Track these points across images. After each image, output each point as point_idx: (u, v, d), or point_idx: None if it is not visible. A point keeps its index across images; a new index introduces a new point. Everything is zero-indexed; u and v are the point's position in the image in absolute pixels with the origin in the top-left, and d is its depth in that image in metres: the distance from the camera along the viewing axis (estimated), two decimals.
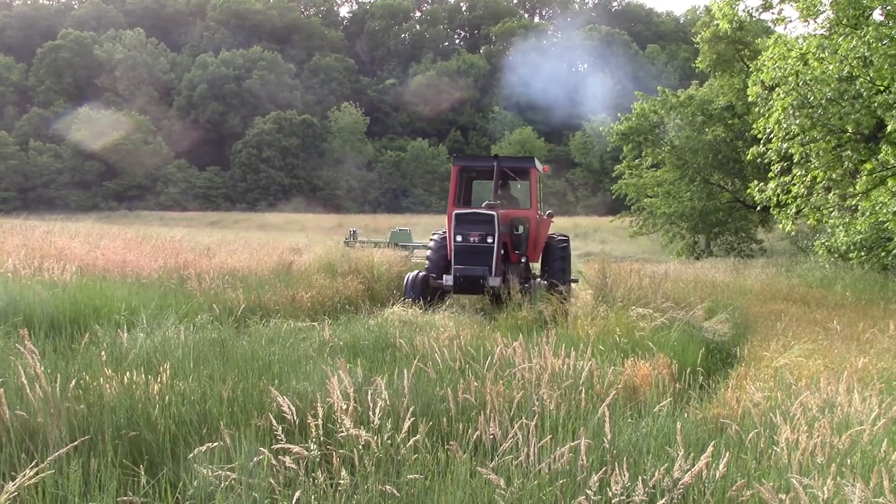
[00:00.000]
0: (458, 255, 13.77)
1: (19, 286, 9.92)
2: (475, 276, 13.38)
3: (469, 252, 13.69)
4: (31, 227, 21.82)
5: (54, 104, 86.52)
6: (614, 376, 6.30)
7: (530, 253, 15.31)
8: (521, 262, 15.00)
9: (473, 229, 13.77)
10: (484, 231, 13.72)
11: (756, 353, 8.72)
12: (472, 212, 14.13)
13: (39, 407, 4.67)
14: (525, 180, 15.98)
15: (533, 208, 15.43)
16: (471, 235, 13.73)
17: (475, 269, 13.49)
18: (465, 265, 13.60)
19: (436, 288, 14.07)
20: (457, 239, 13.80)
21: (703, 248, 35.62)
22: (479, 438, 4.67)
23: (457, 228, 13.87)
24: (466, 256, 13.69)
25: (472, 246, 13.70)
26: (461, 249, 13.77)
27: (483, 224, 13.76)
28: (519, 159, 17.52)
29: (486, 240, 13.67)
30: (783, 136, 17.28)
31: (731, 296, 15.51)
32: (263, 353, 6.99)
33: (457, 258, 13.78)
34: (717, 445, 4.48)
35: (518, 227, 15.01)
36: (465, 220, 13.88)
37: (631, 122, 33.94)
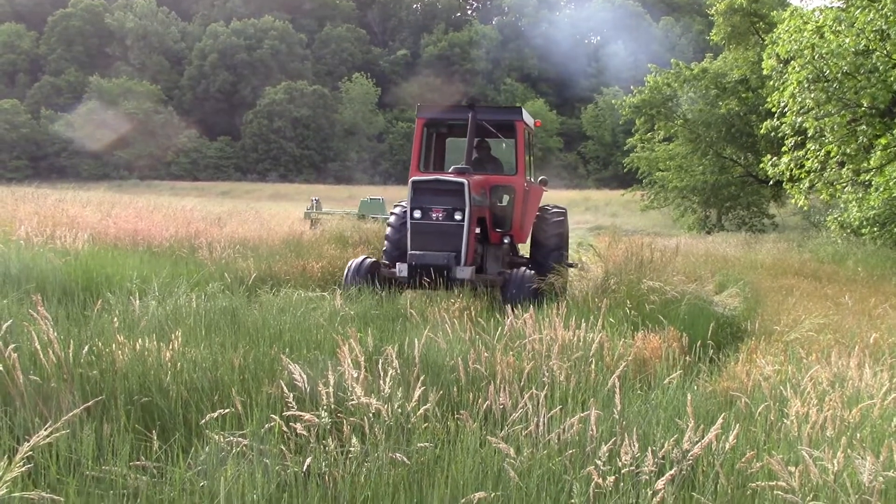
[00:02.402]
0: (415, 236, 10.73)
1: (32, 254, 9.97)
2: (436, 264, 10.35)
3: (430, 233, 10.68)
4: (43, 195, 21.90)
5: (65, 73, 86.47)
6: (624, 349, 6.30)
7: (516, 232, 12.21)
8: (503, 243, 12.05)
9: (436, 202, 10.67)
10: (450, 205, 10.61)
11: (767, 327, 8.70)
12: (434, 179, 10.92)
13: (53, 372, 4.70)
14: (510, 137, 12.62)
15: (519, 173, 12.19)
16: (433, 210, 10.64)
17: (436, 255, 10.44)
18: (424, 250, 10.60)
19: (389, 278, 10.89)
20: (414, 215, 10.71)
21: (714, 222, 35.49)
22: (489, 408, 4.68)
23: (414, 201, 10.72)
24: (426, 238, 10.66)
25: (434, 224, 10.66)
26: (420, 229, 10.72)
27: (449, 195, 10.64)
28: (502, 110, 14.63)
29: (452, 216, 10.59)
30: (797, 110, 17.14)
31: (742, 270, 15.47)
32: (274, 321, 7.01)
33: (414, 240, 10.73)
34: (727, 418, 4.49)
35: (500, 198, 12.08)
36: (426, 190, 10.77)
37: (644, 95, 33.69)
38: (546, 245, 12.32)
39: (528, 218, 12.43)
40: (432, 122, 12.78)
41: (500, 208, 11.92)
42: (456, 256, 10.52)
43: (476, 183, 11.00)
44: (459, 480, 3.88)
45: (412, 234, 10.76)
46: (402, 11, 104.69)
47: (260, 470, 3.81)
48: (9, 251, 9.91)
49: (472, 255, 10.84)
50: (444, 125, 13.08)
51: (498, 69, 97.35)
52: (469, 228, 10.59)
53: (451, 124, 12.96)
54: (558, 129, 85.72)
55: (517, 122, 12.24)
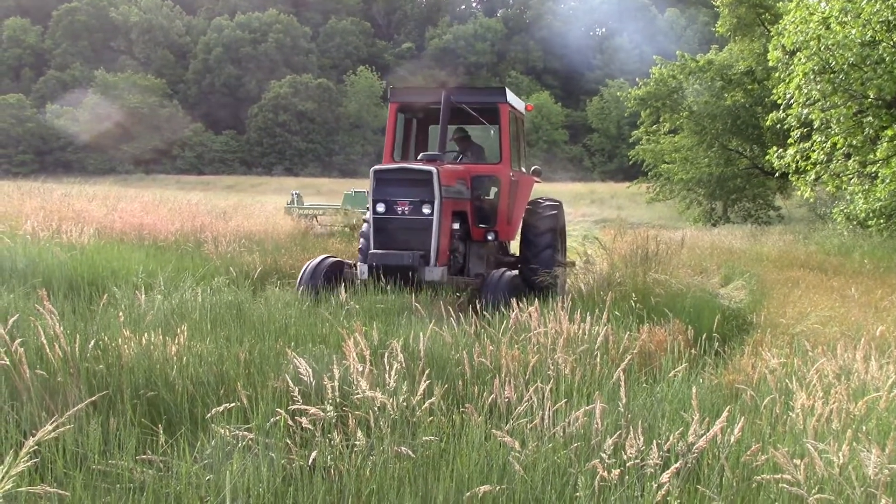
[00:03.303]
0: (378, 232, 9.63)
1: (38, 248, 10.02)
2: (399, 265, 9.18)
3: (395, 229, 9.60)
4: (49, 189, 21.97)
5: (70, 67, 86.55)
6: (630, 342, 6.29)
7: (501, 227, 11.04)
8: (487, 240, 10.95)
9: (402, 194, 9.57)
10: (417, 196, 9.49)
11: (772, 319, 8.69)
12: (399, 167, 9.88)
13: (59, 366, 4.72)
14: (494, 123, 11.29)
15: (504, 162, 11.06)
16: (398, 204, 9.55)
17: (400, 254, 9.31)
18: (388, 248, 9.50)
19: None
20: (377, 209, 9.59)
21: (720, 214, 35.44)
22: (494, 402, 4.69)
23: (377, 192, 9.63)
24: (391, 235, 9.60)
25: (399, 219, 9.56)
26: (383, 224, 9.60)
27: (416, 186, 9.53)
28: (483, 91, 13.32)
29: (420, 210, 9.48)
30: (803, 101, 17.08)
31: (747, 263, 15.45)
32: (280, 315, 7.03)
33: (377, 238, 9.62)
34: (733, 411, 4.48)
35: (486, 190, 11.03)
36: (390, 181, 9.67)
37: (649, 87, 33.61)
38: (536, 243, 11.06)
39: (516, 212, 11.40)
40: (407, 107, 11.69)
41: (484, 201, 10.95)
42: (423, 256, 9.35)
43: (451, 173, 9.97)
44: (465, 474, 3.89)
45: (375, 231, 9.65)
46: (406, 4, 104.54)
47: (265, 464, 3.82)
48: (15, 246, 9.96)
49: (446, 253, 9.74)
50: (421, 110, 11.84)
51: (503, 62, 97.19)
52: (440, 224, 9.43)
53: (430, 109, 11.52)
54: (563, 121, 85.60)
55: (501, 104, 11.03)
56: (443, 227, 9.52)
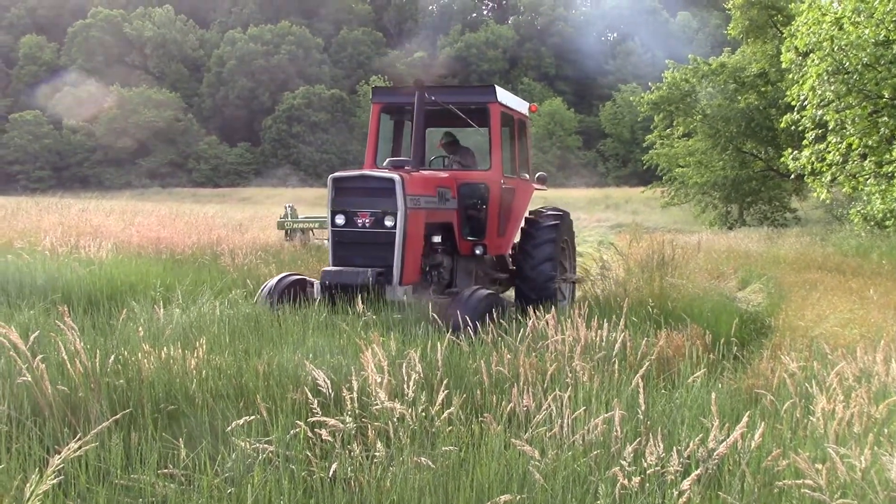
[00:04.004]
0: (337, 247, 8.73)
1: (57, 264, 10.11)
2: (354, 284, 8.15)
3: (354, 243, 8.65)
4: (67, 205, 22.16)
5: (86, 83, 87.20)
6: (647, 348, 6.28)
7: (490, 239, 9.97)
8: (474, 254, 9.88)
9: (362, 205, 8.62)
10: (379, 207, 8.53)
11: (791, 322, 8.66)
12: (358, 175, 8.90)
13: (80, 382, 4.76)
14: (483, 125, 10.20)
15: (494, 169, 10.04)
16: (358, 215, 8.60)
17: (354, 273, 8.27)
18: (347, 265, 8.57)
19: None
20: (336, 221, 8.69)
21: (735, 217, 35.26)
22: (512, 410, 4.69)
23: (336, 203, 8.70)
24: (350, 250, 8.67)
25: (359, 233, 8.61)
26: (342, 238, 8.69)
27: (378, 195, 8.57)
28: (470, 90, 12.39)
29: (382, 222, 8.51)
30: (818, 102, 17.01)
31: (764, 265, 15.39)
32: (297, 327, 7.05)
33: (336, 253, 8.73)
34: (753, 416, 4.47)
35: (474, 199, 10.04)
36: (350, 190, 8.74)
37: (662, 91, 33.54)
38: (533, 255, 10.11)
39: (510, 223, 10.48)
40: (392, 108, 10.83)
41: (473, 212, 10.07)
42: (383, 273, 8.36)
43: (423, 180, 9.02)
44: (485, 483, 3.89)
45: (333, 246, 8.76)
46: (418, 14, 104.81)
47: (286, 476, 3.84)
48: (34, 262, 10.04)
49: (414, 270, 8.73)
50: (407, 111, 10.51)
51: (515, 69, 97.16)
52: (405, 237, 8.46)
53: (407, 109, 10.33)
54: (577, 127, 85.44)
55: (490, 104, 10.05)
56: (409, 242, 8.52)
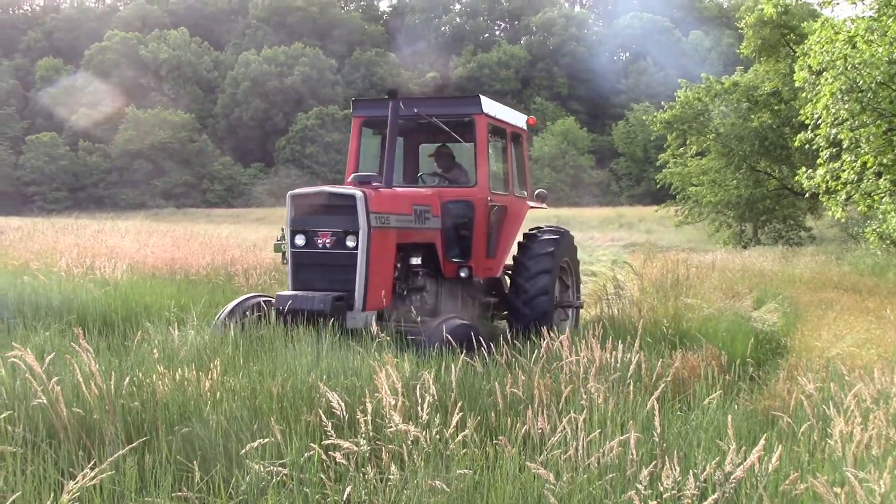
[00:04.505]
0: (297, 270, 8.15)
1: (73, 285, 10.16)
2: (309, 310, 7.51)
3: (315, 265, 8.06)
4: (83, 226, 22.29)
5: (102, 104, 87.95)
6: (663, 369, 6.25)
7: (476, 262, 9.30)
8: (459, 277, 9.18)
9: (322, 223, 8.02)
10: (340, 226, 7.91)
11: (807, 343, 8.60)
12: (317, 191, 8.35)
13: (95, 404, 4.77)
14: (468, 139, 9.48)
15: (480, 185, 9.37)
16: (318, 235, 8.00)
17: (309, 298, 7.64)
18: (308, 288, 7.94)
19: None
20: (296, 241, 8.10)
21: (750, 236, 35.12)
22: (527, 433, 4.67)
23: (295, 222, 8.15)
24: (310, 273, 8.07)
25: (320, 254, 8.01)
26: (302, 260, 8.12)
27: (339, 213, 7.96)
28: (454, 101, 11.56)
29: (343, 242, 7.89)
30: (832, 121, 16.94)
31: (779, 285, 15.29)
32: (311, 348, 7.04)
33: (296, 277, 8.16)
34: (769, 438, 4.43)
35: (459, 218, 9.37)
36: (309, 208, 8.18)
37: (675, 110, 33.51)
38: (526, 288, 9.44)
39: (500, 244, 9.81)
40: (375, 122, 10.00)
41: (458, 232, 9.42)
42: (341, 298, 7.70)
43: (393, 197, 8.41)
44: None
45: (292, 268, 8.16)
46: (430, 34, 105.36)
47: (300, 499, 3.84)
48: (50, 283, 10.09)
49: (379, 295, 7.94)
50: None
51: (528, 88, 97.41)
52: (368, 259, 7.79)
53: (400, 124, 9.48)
54: (589, 146, 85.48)
55: (476, 116, 9.37)
56: (375, 264, 7.85)
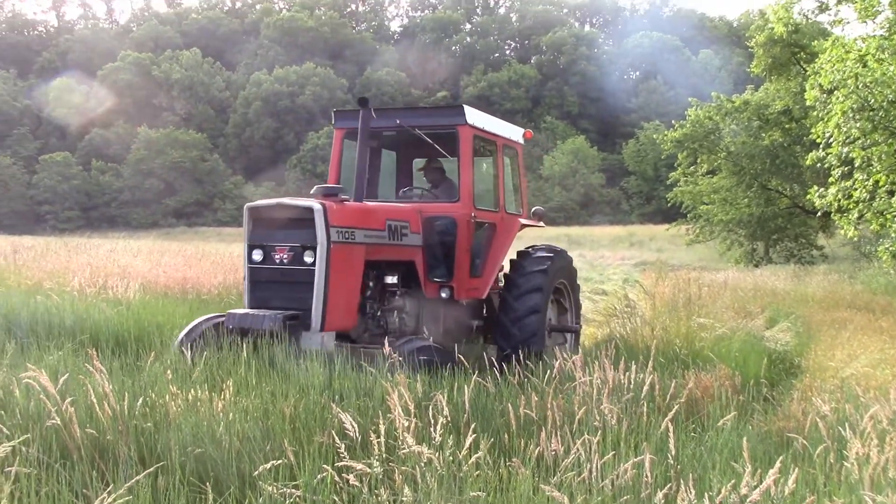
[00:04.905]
0: (254, 287, 7.75)
1: (85, 304, 10.19)
2: (259, 329, 7.11)
3: (272, 282, 7.65)
4: (95, 245, 22.39)
5: (115, 125, 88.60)
6: (676, 389, 6.22)
7: (459, 282, 8.86)
8: (440, 296, 8.82)
9: (280, 238, 7.61)
10: (298, 241, 7.48)
11: (821, 363, 8.55)
12: (276, 204, 7.91)
13: (109, 425, 4.78)
14: (452, 152, 9.22)
15: (463, 200, 8.92)
16: (276, 251, 7.57)
17: (259, 317, 7.20)
18: (265, 307, 7.53)
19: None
20: (253, 257, 7.70)
21: (762, 255, 35.02)
22: (540, 454, 4.65)
23: (253, 236, 7.77)
24: (268, 290, 7.65)
25: (277, 270, 7.59)
26: (259, 276, 7.71)
27: (297, 227, 7.55)
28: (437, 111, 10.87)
29: (301, 258, 7.45)
30: (843, 139, 16.91)
31: (792, 304, 15.23)
32: (323, 368, 7.04)
33: (252, 294, 7.75)
34: (785, 460, 4.40)
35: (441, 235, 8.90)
36: (267, 221, 7.79)
37: (685, 128, 33.54)
38: (515, 307, 9.00)
39: (487, 264, 9.35)
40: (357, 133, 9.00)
41: (439, 250, 8.91)
42: (295, 317, 7.26)
43: (360, 211, 7.95)
44: None
45: (249, 285, 7.76)
46: (441, 54, 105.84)
47: None
48: (63, 302, 10.13)
49: (344, 315, 7.57)
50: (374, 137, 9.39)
51: (538, 107, 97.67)
52: (327, 275, 7.30)
53: (394, 137, 9.57)
54: (600, 165, 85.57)
55: (459, 127, 8.92)
56: (336, 281, 7.37)
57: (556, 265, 9.69)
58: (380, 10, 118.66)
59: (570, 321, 10.51)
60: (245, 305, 7.81)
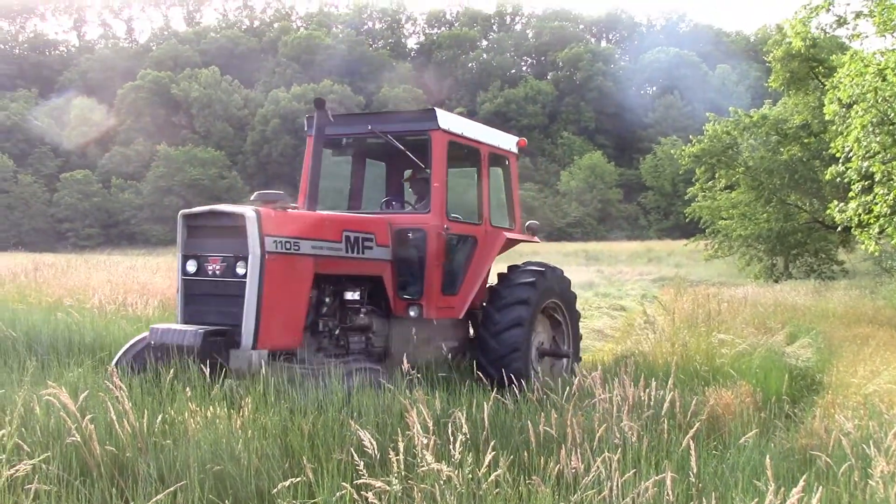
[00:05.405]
0: (187, 302, 7.20)
1: (105, 321, 10.24)
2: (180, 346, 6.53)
3: (205, 295, 7.09)
4: (115, 262, 22.53)
5: (134, 143, 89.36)
6: (697, 406, 6.16)
7: (429, 300, 8.15)
8: (410, 315, 8.17)
9: (212, 247, 7.10)
10: (231, 251, 6.93)
11: (843, 379, 8.46)
12: (208, 211, 7.31)
13: (128, 442, 4.79)
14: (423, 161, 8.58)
15: (434, 211, 8.30)
16: (209, 261, 7.04)
17: (180, 332, 6.65)
18: (194, 322, 6.98)
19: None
20: (186, 268, 7.18)
21: (781, 270, 34.78)
22: (560, 472, 4.62)
23: (188, 245, 7.28)
24: (200, 304, 7.11)
25: (209, 282, 7.04)
26: (192, 289, 7.17)
27: (229, 236, 7.00)
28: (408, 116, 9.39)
29: (234, 269, 6.88)
30: (863, 154, 16.80)
31: (813, 319, 15.10)
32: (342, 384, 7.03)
33: (186, 309, 7.19)
34: (809, 478, 4.34)
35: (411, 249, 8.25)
36: (201, 230, 7.31)
37: (703, 143, 33.39)
38: (496, 319, 8.43)
39: (466, 281, 8.63)
40: (333, 141, 9.03)
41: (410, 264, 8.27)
42: (223, 333, 6.69)
43: (307, 221, 7.38)
44: None
45: (182, 299, 7.23)
46: (457, 70, 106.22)
47: None
48: (83, 319, 10.18)
49: (280, 332, 6.94)
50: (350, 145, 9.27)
51: (555, 123, 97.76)
52: (261, 288, 6.69)
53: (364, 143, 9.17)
54: (617, 180, 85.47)
55: (432, 132, 8.31)
56: (271, 295, 6.76)
57: (547, 281, 9.05)
58: (396, 27, 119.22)
59: (566, 347, 9.61)
60: (177, 320, 7.27)
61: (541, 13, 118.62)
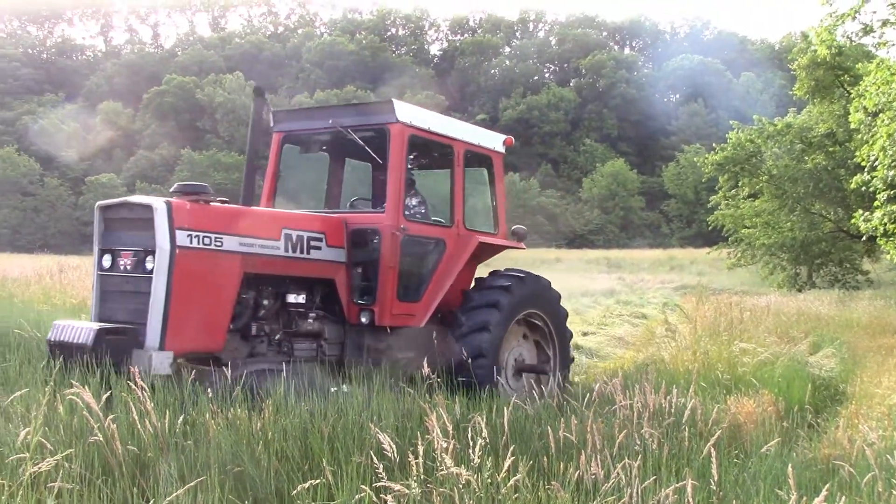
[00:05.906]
0: (100, 298, 6.86)
1: None
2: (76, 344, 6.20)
3: (117, 292, 6.73)
4: None
5: (159, 147, 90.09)
6: (718, 414, 6.12)
7: (382, 306, 7.56)
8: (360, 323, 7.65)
9: (125, 240, 6.72)
10: (140, 245, 6.54)
11: (867, 389, 8.38)
12: (121, 203, 7.02)
13: (150, 442, 4.82)
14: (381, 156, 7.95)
15: (389, 211, 7.70)
16: (121, 255, 6.66)
17: (77, 330, 6.31)
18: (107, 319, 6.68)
19: None
20: (102, 263, 6.83)
21: (805, 279, 34.50)
22: (580, 478, 4.60)
23: (104, 239, 6.89)
24: (113, 301, 6.76)
25: (121, 278, 6.66)
26: (106, 285, 6.83)
27: (139, 229, 6.58)
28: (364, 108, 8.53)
29: (143, 264, 6.48)
30: (889, 163, 16.65)
31: (836, 329, 14.95)
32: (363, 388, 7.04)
33: (100, 306, 6.85)
34: (832, 488, 4.30)
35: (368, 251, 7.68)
36: (116, 222, 6.92)
37: (726, 151, 33.21)
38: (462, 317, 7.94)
39: (430, 287, 8.06)
40: (299, 138, 8.70)
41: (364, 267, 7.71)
42: (122, 332, 6.29)
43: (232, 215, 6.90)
44: None
45: (97, 295, 6.86)
46: (480, 77, 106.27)
47: None
48: None
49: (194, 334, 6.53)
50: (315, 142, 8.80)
51: (577, 130, 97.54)
52: (170, 285, 6.27)
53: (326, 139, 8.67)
54: (639, 188, 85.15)
55: (390, 125, 7.74)
56: (182, 293, 6.34)
57: (526, 289, 8.38)
58: (419, 33, 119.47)
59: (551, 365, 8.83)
60: (91, 318, 6.87)
61: (564, 20, 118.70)
